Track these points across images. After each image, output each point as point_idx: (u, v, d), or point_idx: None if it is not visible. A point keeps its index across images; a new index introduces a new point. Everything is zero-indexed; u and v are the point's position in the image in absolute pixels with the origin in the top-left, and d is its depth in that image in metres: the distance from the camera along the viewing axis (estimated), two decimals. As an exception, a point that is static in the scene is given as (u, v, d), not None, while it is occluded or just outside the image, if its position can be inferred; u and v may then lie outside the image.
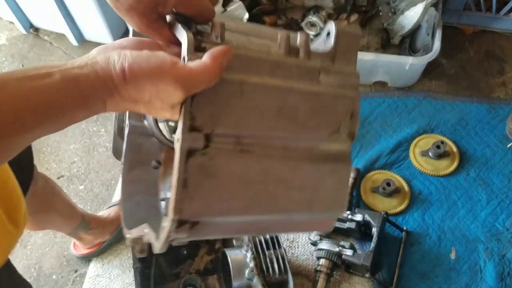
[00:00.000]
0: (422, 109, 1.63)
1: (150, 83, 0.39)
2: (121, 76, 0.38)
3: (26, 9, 1.88)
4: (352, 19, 1.85)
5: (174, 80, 0.39)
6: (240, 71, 0.44)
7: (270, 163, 0.46)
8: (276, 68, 0.46)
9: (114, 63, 0.39)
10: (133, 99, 0.40)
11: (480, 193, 1.44)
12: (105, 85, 0.38)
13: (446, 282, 1.30)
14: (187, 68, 0.40)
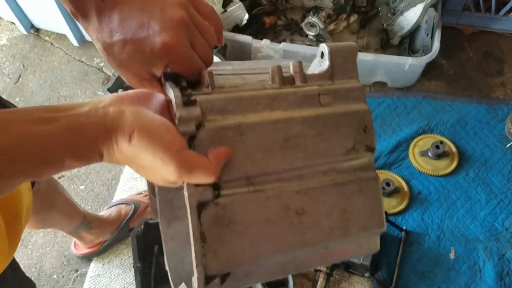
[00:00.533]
0: (422, 109, 1.63)
1: (152, 156, 0.38)
2: (127, 138, 0.38)
3: (27, 9, 1.89)
4: (352, 20, 1.85)
5: (175, 164, 0.38)
6: (236, 113, 0.44)
7: (288, 197, 0.45)
8: (272, 101, 0.45)
9: (125, 122, 0.38)
10: (131, 161, 0.39)
11: (479, 193, 1.45)
12: (109, 139, 0.38)
13: (445, 282, 1.31)
14: (192, 160, 0.39)
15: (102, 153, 0.39)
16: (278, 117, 0.45)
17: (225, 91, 0.44)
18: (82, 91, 1.81)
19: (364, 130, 0.48)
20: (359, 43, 1.82)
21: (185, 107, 0.42)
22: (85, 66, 1.88)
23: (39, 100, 1.80)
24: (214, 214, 0.42)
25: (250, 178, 0.44)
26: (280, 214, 0.45)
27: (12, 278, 0.72)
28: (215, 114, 0.43)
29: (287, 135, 0.45)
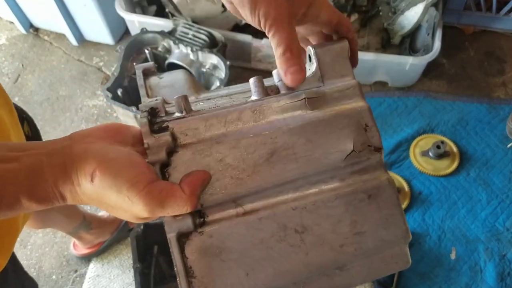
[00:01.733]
0: (422, 109, 1.63)
1: (117, 195, 0.36)
2: (89, 178, 0.36)
3: (26, 9, 1.88)
4: (352, 19, 1.84)
5: (142, 202, 0.36)
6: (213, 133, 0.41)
7: (284, 215, 0.41)
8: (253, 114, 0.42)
9: (86, 161, 0.36)
10: (98, 201, 0.37)
11: (480, 193, 1.44)
12: (70, 181, 0.36)
13: (446, 282, 1.30)
14: (162, 193, 0.37)
15: (64, 195, 0.37)
16: (261, 129, 0.41)
17: (202, 113, 0.42)
18: (81, 91, 1.81)
19: (365, 129, 0.43)
20: (360, 42, 1.81)
21: (154, 134, 0.39)
22: (84, 66, 1.87)
23: (38, 99, 1.79)
24: (200, 245, 0.39)
25: (237, 199, 0.40)
26: (277, 235, 0.40)
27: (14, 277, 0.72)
28: (190, 137, 0.41)
29: (273, 147, 0.41)
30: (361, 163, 0.43)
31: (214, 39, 1.58)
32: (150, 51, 1.58)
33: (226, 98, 0.47)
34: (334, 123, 0.43)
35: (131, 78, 1.57)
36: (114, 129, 0.41)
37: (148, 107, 0.42)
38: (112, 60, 1.87)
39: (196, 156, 0.40)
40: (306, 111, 0.43)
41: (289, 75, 0.42)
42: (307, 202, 0.41)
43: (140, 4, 1.78)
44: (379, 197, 0.42)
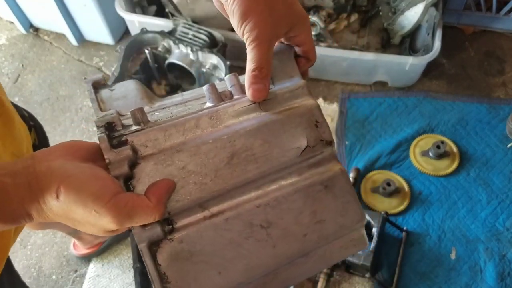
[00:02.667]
0: (422, 109, 1.63)
1: (83, 209, 0.37)
2: (54, 195, 0.36)
3: (26, 9, 1.88)
4: (352, 19, 1.85)
5: (109, 214, 0.37)
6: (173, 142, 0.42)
7: (249, 213, 0.43)
8: (210, 120, 0.44)
9: (50, 179, 0.36)
10: (64, 217, 0.38)
11: (480, 193, 1.44)
12: (36, 199, 0.36)
13: (446, 282, 1.30)
14: (128, 204, 0.38)
15: (31, 214, 0.37)
16: (219, 134, 0.43)
17: (160, 123, 0.43)
18: (81, 91, 1.81)
19: (316, 125, 0.45)
20: (360, 42, 1.81)
21: (115, 149, 0.40)
22: (84, 66, 1.87)
23: (38, 99, 1.79)
24: (171, 251, 0.40)
25: (203, 204, 0.42)
26: (244, 233, 0.42)
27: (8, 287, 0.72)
28: (151, 148, 0.42)
29: (232, 151, 0.43)
30: (316, 157, 0.45)
31: (214, 39, 1.58)
32: (150, 51, 1.58)
33: (181, 106, 0.48)
34: (288, 122, 0.45)
35: (131, 78, 1.57)
36: (74, 146, 0.42)
37: (104, 122, 0.42)
38: (112, 60, 1.87)
39: (158, 166, 0.41)
40: (260, 113, 0.45)
41: (251, 91, 0.44)
42: (269, 199, 0.44)
43: (140, 4, 1.78)
44: (335, 186, 0.45)
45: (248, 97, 0.45)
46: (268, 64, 0.44)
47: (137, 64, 1.59)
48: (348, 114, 1.64)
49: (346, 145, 1.56)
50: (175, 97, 0.50)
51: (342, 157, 1.54)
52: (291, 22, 0.46)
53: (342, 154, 1.55)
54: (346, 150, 1.55)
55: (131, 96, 0.50)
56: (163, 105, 0.48)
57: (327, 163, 0.46)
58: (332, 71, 1.69)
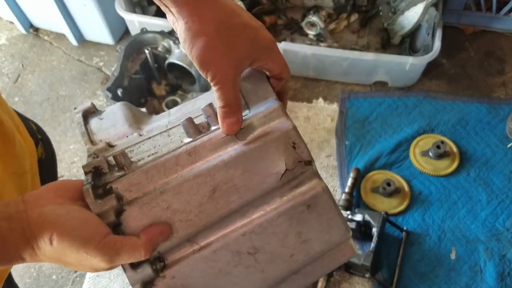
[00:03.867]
0: (422, 109, 1.63)
1: (76, 252, 0.39)
2: (48, 242, 0.38)
3: (26, 9, 1.88)
4: (352, 19, 1.85)
5: (100, 254, 0.39)
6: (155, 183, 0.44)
7: (236, 242, 0.44)
8: (189, 156, 0.45)
9: (43, 226, 0.38)
10: (57, 260, 0.40)
11: (480, 193, 1.44)
12: (29, 245, 0.38)
13: (446, 282, 1.30)
14: (117, 243, 0.40)
15: (24, 257, 0.39)
16: (199, 170, 0.44)
17: (142, 165, 0.44)
18: (81, 91, 1.81)
19: (293, 147, 0.45)
20: (360, 42, 1.81)
21: (100, 199, 0.42)
22: (84, 66, 1.87)
23: (38, 99, 1.79)
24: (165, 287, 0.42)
25: (191, 238, 0.44)
26: (233, 262, 0.44)
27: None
28: (135, 192, 0.43)
29: (213, 184, 0.44)
30: (296, 178, 0.46)
31: (214, 39, 1.57)
32: (150, 51, 1.58)
33: (165, 134, 0.49)
34: (265, 149, 0.45)
35: (131, 78, 1.57)
36: (63, 186, 0.44)
37: (91, 167, 0.44)
38: (112, 60, 1.87)
39: (143, 210, 0.43)
40: (237, 143, 0.46)
41: (225, 126, 0.46)
42: (254, 226, 0.45)
43: (140, 4, 1.78)
44: (317, 205, 0.46)
45: (223, 131, 0.46)
46: (236, 99, 0.45)
47: (137, 64, 1.59)
48: (348, 114, 1.64)
49: (346, 145, 1.56)
50: (162, 117, 0.52)
51: (342, 157, 1.54)
52: (255, 55, 0.47)
53: (342, 154, 1.55)
54: (346, 150, 1.55)
55: (120, 124, 0.51)
56: (149, 132, 0.49)
57: (308, 183, 0.46)
58: (332, 71, 1.69)
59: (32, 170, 0.73)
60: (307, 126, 1.62)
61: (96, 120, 0.52)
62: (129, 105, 0.54)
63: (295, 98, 1.70)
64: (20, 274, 1.42)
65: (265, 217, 0.45)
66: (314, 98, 1.69)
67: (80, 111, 0.52)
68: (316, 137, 1.59)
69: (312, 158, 0.46)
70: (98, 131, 0.50)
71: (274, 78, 0.51)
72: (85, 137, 0.50)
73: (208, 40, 0.43)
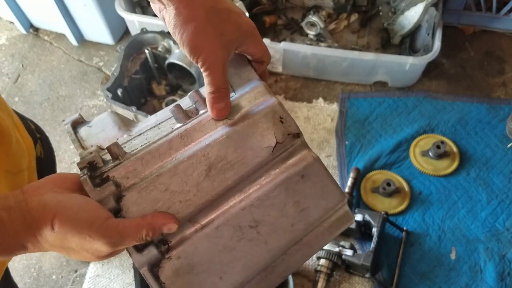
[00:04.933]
0: (422, 109, 1.63)
1: (78, 236, 0.38)
2: (49, 227, 0.38)
3: (26, 9, 1.88)
4: (352, 19, 1.85)
5: (103, 237, 0.39)
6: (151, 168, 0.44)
7: (236, 217, 0.45)
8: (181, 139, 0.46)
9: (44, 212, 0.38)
10: (59, 247, 0.40)
11: (480, 193, 1.44)
12: (31, 232, 0.38)
13: (446, 282, 1.30)
14: (120, 225, 0.40)
15: (26, 246, 0.39)
16: (193, 151, 0.45)
17: (136, 153, 0.45)
18: (81, 91, 1.81)
19: (281, 121, 0.47)
20: (360, 42, 1.81)
21: (98, 187, 0.43)
22: (84, 66, 1.87)
23: (38, 99, 1.80)
24: (172, 268, 0.43)
25: (192, 218, 0.44)
26: (236, 236, 0.45)
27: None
28: (132, 178, 0.44)
29: (208, 163, 0.45)
30: (287, 150, 0.48)
31: (214, 39, 1.57)
32: (150, 51, 1.58)
33: (155, 129, 0.50)
34: (254, 125, 0.47)
35: (131, 78, 1.57)
36: (61, 178, 0.44)
37: (86, 162, 0.45)
38: (112, 60, 1.87)
39: (142, 194, 0.43)
40: (227, 122, 0.47)
41: (214, 111, 0.47)
42: (252, 199, 0.46)
43: (140, 4, 1.78)
44: (310, 174, 0.48)
45: (212, 116, 0.48)
46: (225, 84, 0.47)
47: (137, 64, 1.59)
48: (348, 114, 1.64)
49: (346, 145, 1.56)
50: (150, 119, 0.53)
51: (342, 157, 1.54)
52: (240, 40, 0.48)
53: (342, 154, 1.55)
54: (346, 150, 1.55)
55: (109, 128, 0.52)
56: (139, 131, 0.50)
57: (299, 154, 0.48)
58: (332, 71, 1.69)
59: (30, 168, 0.73)
60: (307, 126, 1.62)
61: (85, 128, 0.53)
62: (116, 113, 0.55)
63: (295, 98, 1.70)
64: (20, 274, 1.42)
65: (262, 190, 0.46)
66: (314, 98, 1.69)
67: (69, 122, 0.53)
68: (316, 137, 1.59)
69: (300, 131, 0.48)
70: (88, 137, 0.51)
71: (256, 62, 0.52)
72: (76, 143, 0.50)
73: (198, 25, 0.44)
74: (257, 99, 0.48)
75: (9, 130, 0.65)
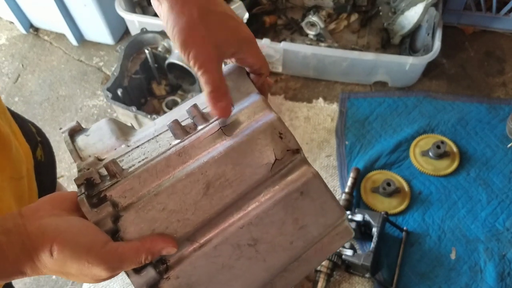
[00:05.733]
0: (422, 109, 1.63)
1: (77, 262, 0.38)
2: (48, 253, 0.38)
3: (26, 9, 1.88)
4: (352, 19, 1.85)
5: (102, 262, 0.38)
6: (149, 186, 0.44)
7: (235, 236, 0.45)
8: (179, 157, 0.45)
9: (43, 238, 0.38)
10: (58, 272, 0.39)
11: (480, 193, 1.44)
12: (30, 258, 0.38)
13: (446, 282, 1.30)
14: (119, 250, 0.39)
15: (24, 271, 0.39)
16: (191, 169, 0.44)
17: (133, 171, 0.45)
18: (81, 91, 1.81)
19: (280, 137, 0.46)
20: (360, 42, 1.81)
21: (95, 207, 0.42)
22: (84, 66, 1.87)
23: (38, 99, 1.79)
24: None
25: (190, 237, 0.44)
26: (234, 255, 0.44)
27: None
28: (129, 198, 0.43)
29: (206, 181, 0.44)
30: (287, 167, 0.46)
31: (214, 39, 1.57)
32: (150, 51, 1.58)
33: (153, 141, 0.49)
34: (253, 141, 0.46)
35: (131, 78, 1.57)
36: (59, 198, 0.43)
37: (83, 179, 0.44)
38: (112, 60, 1.87)
39: (140, 214, 0.43)
40: (225, 138, 0.46)
41: (216, 110, 0.46)
42: (251, 217, 0.45)
43: (140, 4, 1.78)
44: (310, 190, 0.46)
45: (217, 115, 0.47)
46: (222, 82, 0.46)
47: (137, 64, 1.59)
48: (348, 114, 1.64)
49: (346, 145, 1.56)
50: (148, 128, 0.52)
51: (342, 157, 1.54)
52: (236, 45, 0.47)
53: (342, 154, 1.55)
54: (346, 150, 1.55)
55: (107, 138, 0.51)
56: (137, 142, 0.49)
57: (298, 170, 0.47)
58: (332, 71, 1.69)
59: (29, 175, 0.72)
60: (307, 126, 1.62)
61: (82, 137, 0.52)
62: (114, 120, 0.54)
63: (295, 98, 1.70)
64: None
65: (260, 207, 0.45)
66: (314, 98, 1.69)
67: (66, 130, 0.53)
68: (316, 137, 1.59)
69: (299, 147, 0.47)
70: (86, 147, 0.50)
71: (255, 74, 0.51)
72: (73, 153, 0.50)
73: (189, 21, 0.43)
74: (256, 114, 0.47)
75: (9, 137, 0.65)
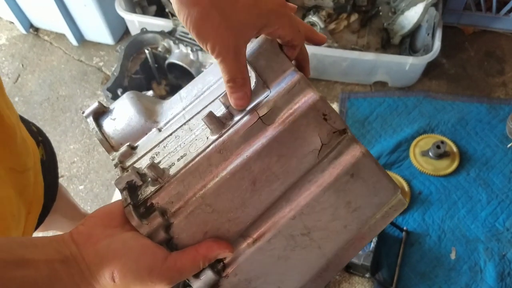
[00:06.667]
0: (422, 109, 1.63)
1: (140, 284, 0.38)
2: (111, 280, 0.38)
3: (26, 9, 1.88)
4: (352, 19, 1.85)
5: (164, 279, 0.39)
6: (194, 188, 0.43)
7: (288, 227, 0.44)
8: (220, 154, 0.43)
9: (103, 265, 0.38)
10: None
11: (480, 193, 1.44)
12: (90, 285, 0.38)
13: (446, 282, 1.30)
14: (177, 264, 0.40)
15: None
16: (234, 166, 0.43)
17: (176, 173, 0.43)
18: (82, 91, 1.81)
19: (324, 119, 0.42)
20: (360, 42, 1.81)
21: (145, 219, 0.41)
22: (84, 66, 1.87)
23: (38, 99, 1.80)
24: (230, 286, 0.43)
25: (243, 234, 0.44)
26: (289, 246, 0.44)
27: None
28: (177, 203, 0.43)
29: (251, 177, 0.42)
30: (334, 150, 0.43)
31: (214, 39, 1.58)
32: (150, 51, 1.58)
33: (186, 128, 0.47)
34: (296, 129, 0.43)
35: (131, 78, 1.57)
36: (107, 215, 0.42)
37: (124, 183, 0.43)
38: (112, 60, 1.87)
39: (190, 219, 0.42)
40: (266, 128, 0.43)
41: (233, 101, 0.44)
42: (301, 207, 0.44)
43: (140, 4, 1.78)
44: (360, 171, 0.43)
45: (232, 105, 0.45)
46: (241, 72, 0.43)
47: (137, 64, 1.59)
48: (348, 114, 1.64)
49: (346, 145, 1.56)
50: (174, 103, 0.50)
51: (342, 157, 1.54)
52: (260, 22, 0.43)
53: (342, 154, 1.55)
54: (346, 150, 1.55)
55: (135, 121, 0.49)
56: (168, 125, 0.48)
57: (346, 151, 0.43)
58: (332, 71, 1.69)
59: (36, 169, 0.72)
60: (307, 126, 1.62)
61: (108, 121, 0.50)
62: (136, 96, 0.51)
63: (295, 98, 1.70)
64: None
65: (310, 196, 0.43)
66: (314, 98, 1.69)
67: (90, 114, 0.50)
68: (316, 137, 1.59)
69: (346, 126, 0.43)
70: (114, 133, 0.49)
71: (287, 46, 0.46)
72: (104, 144, 0.48)
73: (202, 10, 0.41)
74: (295, 96, 0.43)
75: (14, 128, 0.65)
